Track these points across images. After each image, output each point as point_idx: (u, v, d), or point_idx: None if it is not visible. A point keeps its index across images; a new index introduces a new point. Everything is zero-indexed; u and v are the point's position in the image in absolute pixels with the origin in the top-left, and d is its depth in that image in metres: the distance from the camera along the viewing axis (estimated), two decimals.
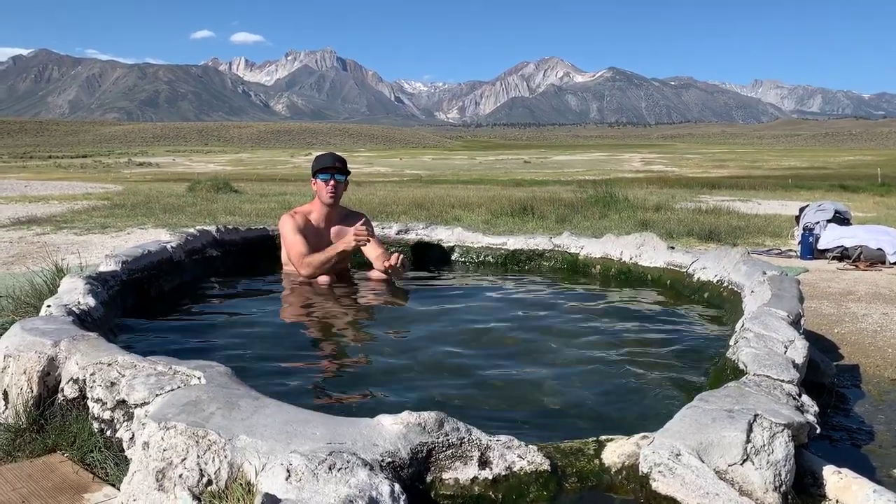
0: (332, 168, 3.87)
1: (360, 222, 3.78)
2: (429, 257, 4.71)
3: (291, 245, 3.80)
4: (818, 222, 7.04)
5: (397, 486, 1.27)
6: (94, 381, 1.85)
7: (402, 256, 3.81)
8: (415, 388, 2.30)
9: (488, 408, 2.11)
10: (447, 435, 1.44)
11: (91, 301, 2.61)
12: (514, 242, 4.63)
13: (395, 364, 2.55)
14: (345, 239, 3.76)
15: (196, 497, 1.34)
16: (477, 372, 2.46)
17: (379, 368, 2.53)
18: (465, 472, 1.40)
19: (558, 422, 2.01)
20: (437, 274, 4.39)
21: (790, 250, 7.17)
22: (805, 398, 1.72)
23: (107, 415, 1.79)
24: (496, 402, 2.17)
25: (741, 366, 1.95)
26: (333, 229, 3.97)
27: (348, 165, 4.03)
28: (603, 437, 1.53)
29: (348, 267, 4.14)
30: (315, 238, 3.88)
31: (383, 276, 3.95)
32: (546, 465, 1.42)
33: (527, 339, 2.89)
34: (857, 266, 6.10)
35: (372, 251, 3.97)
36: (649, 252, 4.02)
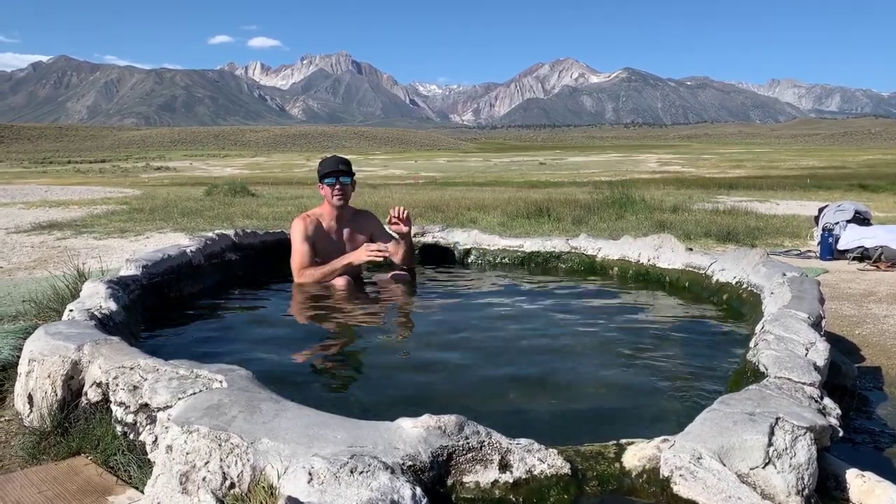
0: (337, 171, 3.90)
1: (378, 246, 3.79)
2: (445, 259, 4.72)
3: (296, 253, 3.85)
4: (838, 223, 6.98)
5: (419, 490, 1.28)
6: (116, 385, 1.87)
7: (404, 209, 4.03)
8: (434, 390, 2.30)
9: (508, 410, 2.11)
10: (467, 438, 1.44)
11: (113, 305, 2.64)
12: (530, 244, 4.63)
13: (414, 366, 2.56)
14: (356, 252, 3.79)
15: (219, 500, 1.35)
16: (496, 374, 2.47)
17: (398, 371, 2.54)
18: (485, 476, 1.40)
19: (578, 425, 2.01)
20: (454, 276, 4.40)
21: (809, 251, 7.11)
22: (827, 401, 1.70)
23: (130, 418, 1.81)
24: (516, 404, 2.17)
25: (762, 368, 1.94)
26: (345, 230, 4.00)
27: (364, 169, 4.06)
28: (623, 441, 1.53)
29: (361, 270, 4.16)
30: (327, 241, 3.91)
31: (400, 276, 3.97)
32: (566, 469, 1.42)
33: (545, 342, 2.89)
34: (877, 266, 6.03)
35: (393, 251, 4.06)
36: (667, 253, 4.00)
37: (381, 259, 3.78)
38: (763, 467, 1.37)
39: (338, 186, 3.89)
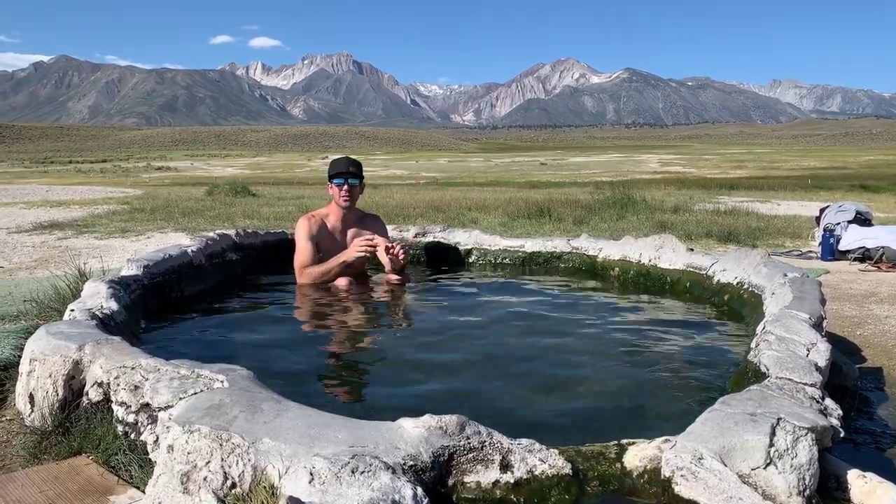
0: (346, 173, 3.90)
1: (367, 237, 3.78)
2: (447, 260, 4.72)
3: (299, 252, 3.86)
4: (839, 223, 6.97)
5: (420, 490, 1.28)
6: (118, 385, 1.87)
7: (401, 247, 3.86)
8: (435, 390, 2.30)
9: (509, 410, 2.11)
10: (468, 438, 1.44)
11: (114, 305, 2.64)
12: (531, 245, 4.63)
13: (415, 367, 2.56)
14: (347, 250, 3.80)
15: (220, 500, 1.35)
16: (497, 375, 2.47)
17: (399, 371, 2.54)
18: (486, 476, 1.40)
19: (579, 425, 2.01)
20: (455, 276, 4.40)
21: (810, 252, 7.10)
22: (828, 401, 1.70)
23: (131, 418, 1.82)
24: (517, 405, 2.17)
25: (763, 369, 1.94)
26: (350, 232, 4.00)
27: (365, 169, 4.06)
28: (624, 441, 1.53)
29: (366, 269, 4.16)
30: (331, 241, 3.91)
31: (399, 277, 3.97)
32: (567, 469, 1.42)
33: (546, 342, 2.89)
34: (879, 267, 6.03)
35: (384, 254, 4.00)
36: (668, 254, 4.00)
37: (373, 251, 3.76)
38: (764, 468, 1.37)
39: (345, 188, 3.90)
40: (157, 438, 1.70)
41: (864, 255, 6.36)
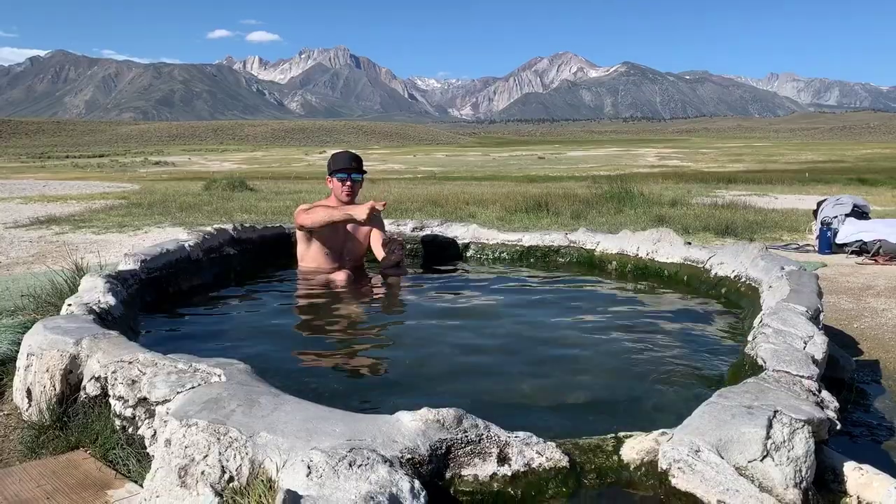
0: (350, 168, 3.93)
1: (381, 204, 3.75)
2: (444, 254, 4.72)
3: (299, 209, 3.87)
4: (836, 216, 6.98)
5: (417, 483, 1.28)
6: (115, 379, 1.88)
7: (398, 242, 3.92)
8: (432, 384, 2.31)
9: (506, 404, 2.12)
10: (466, 431, 1.44)
11: (111, 300, 2.64)
12: (529, 239, 4.63)
13: (412, 361, 2.57)
14: (359, 209, 3.71)
15: (218, 493, 1.35)
16: (494, 368, 2.47)
17: (396, 365, 2.54)
18: (483, 469, 1.41)
19: (576, 418, 2.01)
20: (452, 271, 4.40)
21: (808, 245, 7.11)
22: (825, 394, 1.70)
23: (128, 412, 1.82)
24: (514, 398, 2.18)
25: (760, 361, 1.94)
26: (349, 226, 4.01)
27: (363, 164, 4.07)
28: (622, 434, 1.53)
29: (364, 265, 4.17)
30: (330, 230, 3.91)
31: (399, 271, 3.98)
32: (565, 462, 1.42)
33: (543, 336, 2.89)
34: (876, 260, 6.04)
35: (381, 249, 4.02)
36: (666, 247, 4.00)
37: (380, 210, 3.72)
38: (761, 460, 1.37)
39: (348, 183, 3.92)
40: (155, 432, 1.70)
41: (861, 249, 6.38)
